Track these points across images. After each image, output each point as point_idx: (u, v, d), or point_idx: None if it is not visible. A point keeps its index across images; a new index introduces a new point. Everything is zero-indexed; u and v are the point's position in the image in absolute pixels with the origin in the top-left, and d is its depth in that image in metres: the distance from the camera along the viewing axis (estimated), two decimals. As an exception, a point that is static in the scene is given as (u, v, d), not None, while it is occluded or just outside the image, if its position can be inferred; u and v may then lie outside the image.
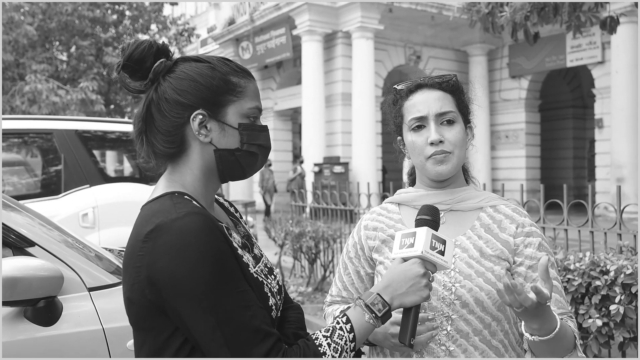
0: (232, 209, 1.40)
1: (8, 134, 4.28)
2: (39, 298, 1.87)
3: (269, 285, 1.22)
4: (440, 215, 1.42)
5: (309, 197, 7.28)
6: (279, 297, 1.26)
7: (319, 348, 1.11)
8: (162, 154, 1.20)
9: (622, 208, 3.59)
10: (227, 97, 1.19)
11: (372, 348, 1.47)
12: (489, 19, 6.42)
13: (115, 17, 14.90)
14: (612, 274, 2.95)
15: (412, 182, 1.59)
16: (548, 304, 1.19)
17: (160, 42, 1.21)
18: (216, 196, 1.36)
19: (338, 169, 14.07)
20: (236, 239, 1.22)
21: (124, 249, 1.18)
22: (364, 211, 6.28)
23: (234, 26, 17.13)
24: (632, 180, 12.78)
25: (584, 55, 14.76)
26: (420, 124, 1.42)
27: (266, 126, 1.26)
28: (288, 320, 1.30)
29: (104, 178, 4.44)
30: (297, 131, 19.19)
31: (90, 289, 2.05)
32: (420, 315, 1.31)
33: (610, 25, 6.30)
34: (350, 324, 1.15)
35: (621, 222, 3.58)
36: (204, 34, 20.42)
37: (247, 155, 1.21)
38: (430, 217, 1.27)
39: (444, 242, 1.23)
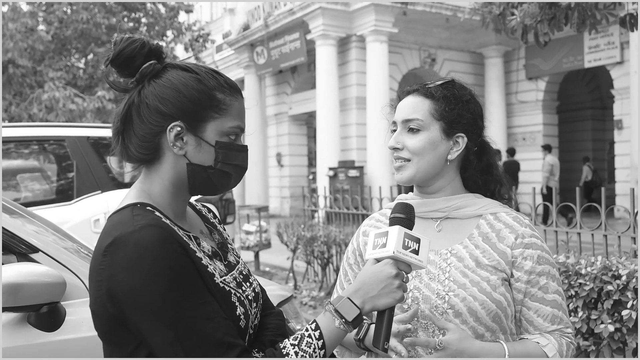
0: (209, 215, 1.38)
1: (20, 141, 4.35)
2: (42, 304, 1.88)
3: (238, 294, 1.18)
4: (437, 223, 1.42)
5: (321, 201, 7.28)
6: (254, 304, 1.24)
7: (286, 357, 1.09)
8: (135, 157, 1.19)
9: (636, 211, 3.52)
10: (209, 113, 1.16)
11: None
12: (501, 20, 6.37)
13: (131, 24, 15.09)
14: (624, 278, 2.90)
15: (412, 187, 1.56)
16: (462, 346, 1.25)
17: (155, 42, 1.19)
18: (193, 202, 1.35)
19: (353, 172, 14.02)
20: (205, 247, 1.20)
21: None
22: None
23: (249, 31, 17.22)
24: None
25: (602, 55, 14.53)
26: (394, 128, 1.45)
27: (246, 146, 1.23)
28: (267, 327, 1.27)
29: (115, 184, 4.48)
30: (312, 135, 19.20)
31: (94, 295, 2.06)
32: (402, 326, 1.28)
33: (630, 22, 6.20)
34: (319, 331, 1.12)
35: (635, 225, 3.52)
36: (219, 40, 20.56)
37: (220, 174, 1.18)
38: (404, 215, 1.22)
39: (418, 241, 1.19)
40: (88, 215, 4.22)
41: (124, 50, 1.13)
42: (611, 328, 2.89)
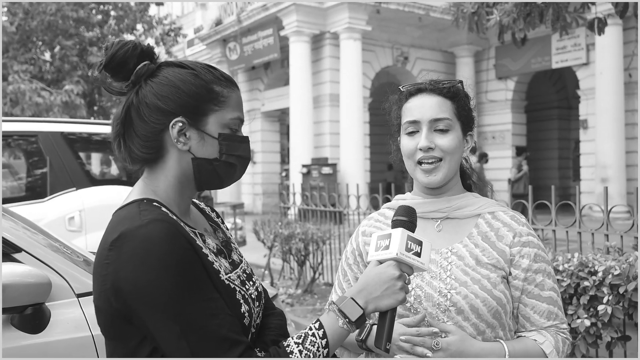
0: (213, 214, 1.39)
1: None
2: (26, 305, 1.83)
3: (243, 292, 1.19)
4: (437, 223, 1.44)
5: (298, 199, 7.27)
6: (257, 303, 1.24)
7: (290, 355, 1.10)
8: (139, 158, 1.19)
9: (609, 209, 3.62)
10: (209, 106, 1.17)
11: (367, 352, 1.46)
12: (474, 19, 6.48)
13: (100, 17, 14.76)
14: (600, 274, 2.98)
15: (412, 186, 1.57)
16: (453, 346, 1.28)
17: (146, 43, 1.20)
18: (197, 201, 1.36)
19: (326, 170, 14.05)
20: (211, 244, 1.21)
21: None
22: (353, 213, 6.29)
23: (221, 27, 17.06)
24: (617, 181, 12.92)
25: (569, 56, 14.90)
26: (414, 129, 1.42)
27: (247, 137, 1.24)
28: (269, 327, 1.28)
29: (90, 181, 4.38)
30: (284, 132, 19.16)
31: (79, 295, 2.01)
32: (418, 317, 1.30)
33: (597, 26, 6.39)
34: (322, 330, 1.13)
35: (608, 222, 3.62)
36: (190, 35, 20.29)
37: (225, 165, 1.20)
38: (406, 218, 1.24)
39: (420, 244, 1.21)
40: (62, 213, 4.12)
41: (117, 54, 1.14)
42: (587, 323, 2.97)
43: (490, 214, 1.45)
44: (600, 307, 2.93)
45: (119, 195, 4.39)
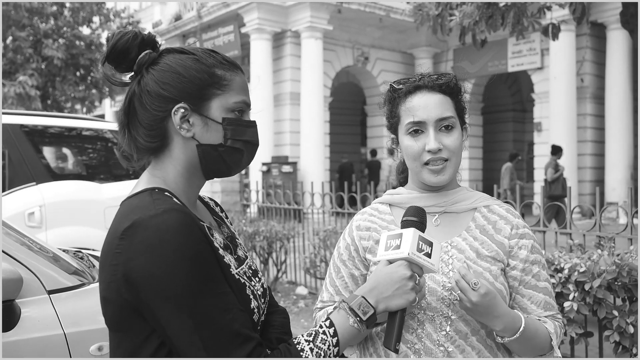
0: (217, 209, 1.35)
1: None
2: (-5, 302, 1.75)
3: (252, 288, 1.18)
4: (435, 218, 1.43)
5: (260, 197, 7.22)
6: (262, 300, 1.22)
7: (301, 353, 1.08)
8: (144, 148, 1.16)
9: (572, 209, 3.74)
10: (211, 91, 1.15)
11: (364, 347, 1.44)
12: (438, 21, 6.60)
13: (54, 8, 14.27)
14: (566, 272, 3.06)
15: (404, 180, 1.56)
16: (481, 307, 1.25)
17: (147, 32, 1.17)
18: (201, 195, 1.31)
19: (286, 168, 14.00)
20: (218, 239, 1.18)
21: (79, 250, 1.12)
22: (318, 211, 6.29)
23: (181, 22, 16.77)
24: (569, 182, 13.38)
25: (524, 60, 15.34)
26: (417, 129, 1.39)
27: (254, 121, 1.21)
28: (272, 324, 1.27)
29: (51, 175, 4.23)
30: (244, 130, 18.94)
31: (50, 292, 1.94)
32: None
33: (552, 31, 6.62)
34: (333, 328, 1.12)
35: (572, 222, 3.74)
36: (149, 29, 19.85)
37: (231, 151, 1.17)
38: (417, 219, 1.24)
39: (430, 244, 1.21)
40: (22, 208, 3.96)
41: (117, 44, 1.12)
42: (553, 318, 3.05)
43: (485, 207, 1.46)
44: (566, 304, 3.01)
45: (81, 190, 4.25)
